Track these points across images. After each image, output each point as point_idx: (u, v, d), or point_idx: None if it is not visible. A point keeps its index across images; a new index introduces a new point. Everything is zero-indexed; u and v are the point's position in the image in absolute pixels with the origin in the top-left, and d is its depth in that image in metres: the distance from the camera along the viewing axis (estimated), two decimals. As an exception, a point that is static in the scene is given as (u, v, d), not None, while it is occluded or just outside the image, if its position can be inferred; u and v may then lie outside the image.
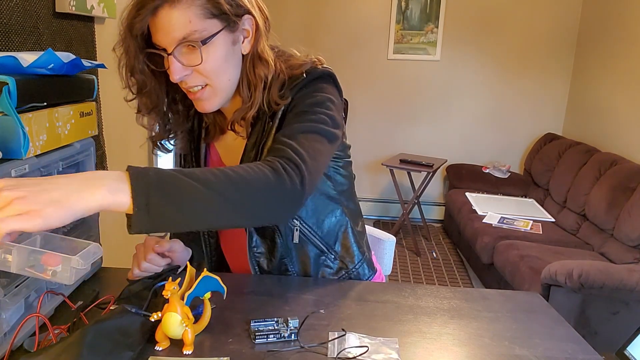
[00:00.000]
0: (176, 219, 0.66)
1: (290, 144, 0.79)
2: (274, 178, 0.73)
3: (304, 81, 0.89)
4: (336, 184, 1.03)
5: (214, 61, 0.83)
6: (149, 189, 0.63)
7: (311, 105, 0.87)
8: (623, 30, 3.25)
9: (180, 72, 0.82)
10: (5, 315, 0.70)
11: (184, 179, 0.66)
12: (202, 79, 0.85)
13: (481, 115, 4.13)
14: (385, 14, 4.04)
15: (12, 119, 0.69)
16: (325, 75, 0.91)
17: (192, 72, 0.83)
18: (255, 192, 0.71)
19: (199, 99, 0.88)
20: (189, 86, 0.86)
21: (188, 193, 0.66)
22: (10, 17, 1.09)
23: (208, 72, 0.84)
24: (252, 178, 0.71)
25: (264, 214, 0.75)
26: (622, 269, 2.13)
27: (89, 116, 0.92)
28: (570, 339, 0.84)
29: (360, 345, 0.77)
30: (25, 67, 0.73)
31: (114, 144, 1.72)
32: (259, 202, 0.72)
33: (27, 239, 0.66)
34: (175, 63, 0.81)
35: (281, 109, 0.90)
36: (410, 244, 3.75)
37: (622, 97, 3.20)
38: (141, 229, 0.63)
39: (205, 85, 0.86)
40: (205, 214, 0.68)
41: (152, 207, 0.63)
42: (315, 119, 0.85)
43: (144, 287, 0.86)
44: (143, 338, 0.74)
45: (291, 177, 0.74)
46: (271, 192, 0.73)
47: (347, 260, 1.07)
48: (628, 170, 2.79)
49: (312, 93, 0.89)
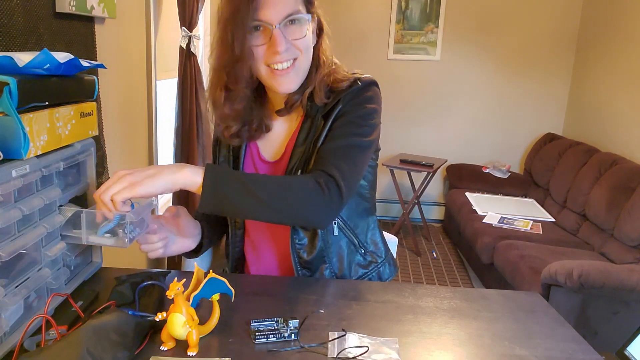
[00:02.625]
0: (233, 205, 0.84)
1: (334, 159, 0.92)
2: (314, 189, 0.87)
3: (355, 89, 0.99)
4: (368, 182, 1.11)
5: (308, 38, 0.96)
6: (217, 177, 0.82)
7: (359, 117, 0.98)
8: (623, 30, 3.25)
9: (285, 44, 0.91)
10: (5, 315, 0.70)
11: (243, 178, 0.84)
12: (297, 52, 0.94)
13: (481, 115, 4.13)
14: (385, 14, 4.04)
15: (12, 119, 0.69)
16: (373, 83, 1.02)
17: (291, 46, 0.93)
18: (297, 198, 0.86)
19: (286, 74, 0.95)
20: (284, 59, 0.93)
21: (246, 187, 0.83)
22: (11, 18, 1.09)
23: (303, 47, 0.95)
24: (296, 187, 0.87)
25: (303, 218, 0.90)
26: (622, 269, 2.13)
27: (90, 116, 0.92)
28: (570, 339, 0.84)
29: (360, 345, 0.77)
30: (20, 67, 0.73)
31: (114, 144, 1.72)
32: (299, 207, 0.87)
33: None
34: (280, 35, 0.91)
35: (334, 113, 0.98)
36: (411, 244, 3.75)
37: (622, 97, 3.20)
38: (207, 207, 0.82)
39: (293, 63, 0.95)
40: (255, 208, 0.84)
41: (217, 190, 0.82)
42: (359, 133, 0.97)
43: (132, 288, 0.86)
44: (138, 339, 0.75)
45: (331, 191, 0.88)
46: (311, 201, 0.87)
47: (376, 255, 1.13)
48: (628, 170, 2.79)
49: (362, 104, 0.99)
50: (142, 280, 0.88)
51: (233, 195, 0.83)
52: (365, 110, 0.99)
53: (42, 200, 0.78)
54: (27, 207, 0.73)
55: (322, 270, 1.06)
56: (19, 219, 0.72)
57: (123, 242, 0.84)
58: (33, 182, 0.77)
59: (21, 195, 0.75)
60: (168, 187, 0.80)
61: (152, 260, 2.25)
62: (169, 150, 2.42)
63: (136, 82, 1.94)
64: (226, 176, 0.83)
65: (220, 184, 0.82)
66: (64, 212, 0.85)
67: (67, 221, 0.86)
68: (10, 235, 0.72)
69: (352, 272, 1.09)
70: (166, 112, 2.45)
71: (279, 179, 0.88)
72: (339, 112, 0.99)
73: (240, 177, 0.84)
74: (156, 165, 0.84)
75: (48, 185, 0.82)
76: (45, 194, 0.80)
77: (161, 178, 0.79)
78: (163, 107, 2.32)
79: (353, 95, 0.99)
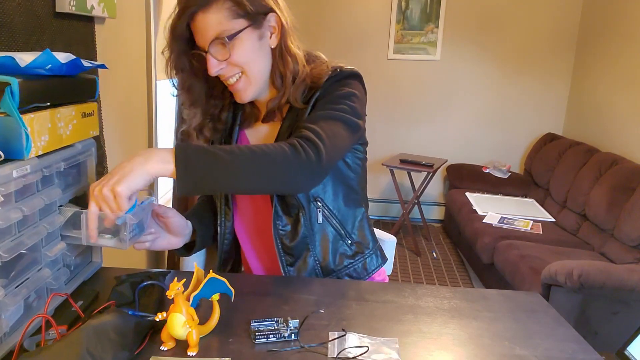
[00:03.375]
0: (209, 180, 0.82)
1: (310, 127, 0.91)
2: (290, 151, 0.86)
3: (336, 77, 1.00)
4: (356, 174, 1.11)
5: (242, 52, 0.95)
6: (188, 157, 0.81)
7: (337, 97, 0.98)
8: (623, 30, 3.25)
9: (216, 66, 0.95)
10: (5, 315, 0.70)
11: (215, 150, 0.83)
12: (236, 69, 0.96)
13: (481, 115, 4.13)
14: (385, 14, 4.04)
15: (14, 120, 0.69)
16: (354, 74, 1.03)
17: (226, 65, 0.95)
18: (273, 161, 0.84)
19: (236, 89, 1.00)
20: (227, 77, 0.98)
21: (218, 159, 0.82)
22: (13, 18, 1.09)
23: (239, 63, 0.95)
24: (270, 151, 0.85)
25: (281, 180, 0.87)
26: (622, 269, 2.13)
27: (91, 116, 0.92)
28: (570, 339, 0.84)
29: (360, 345, 0.78)
30: (22, 67, 0.73)
31: (114, 144, 1.72)
32: (276, 170, 0.85)
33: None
34: (211, 59, 0.94)
35: (315, 97, 0.99)
36: (411, 244, 3.75)
37: (622, 97, 3.20)
38: (185, 189, 0.81)
39: (240, 76, 0.98)
40: (232, 176, 0.84)
41: (190, 170, 0.80)
42: (337, 108, 0.96)
43: (132, 287, 0.86)
44: (137, 339, 0.75)
45: (307, 151, 0.86)
46: (288, 163, 0.85)
47: (362, 245, 1.12)
48: (628, 170, 2.79)
49: (339, 87, 0.99)
50: (142, 280, 0.88)
51: (207, 170, 0.81)
52: (344, 92, 0.98)
53: (42, 200, 0.78)
54: (27, 208, 0.73)
55: (306, 257, 1.06)
56: (20, 219, 0.72)
57: (123, 244, 0.84)
58: (34, 183, 0.77)
59: (22, 196, 0.75)
60: (146, 180, 0.80)
61: (152, 260, 2.25)
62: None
63: (136, 82, 1.94)
64: (196, 154, 0.81)
65: (193, 163, 0.81)
66: (64, 212, 0.86)
67: (67, 221, 0.86)
68: (10, 235, 0.72)
69: (337, 262, 1.09)
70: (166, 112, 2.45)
71: (252, 147, 0.85)
72: (320, 95, 0.99)
73: (210, 151, 0.83)
74: (134, 155, 0.81)
75: (49, 185, 0.82)
76: (45, 194, 0.80)
77: (136, 174, 0.79)
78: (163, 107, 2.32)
79: (333, 80, 1.00)
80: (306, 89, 1.01)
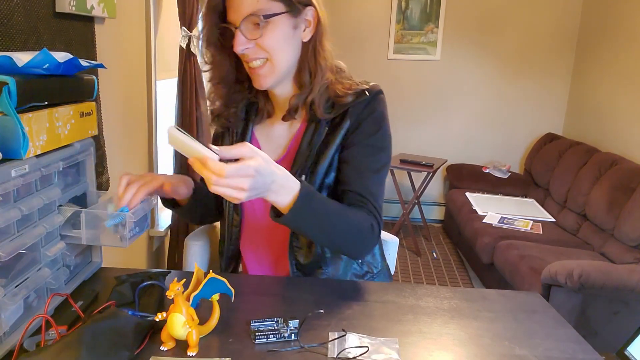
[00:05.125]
0: (306, 226, 0.90)
1: (373, 204, 0.99)
2: (369, 231, 0.96)
3: (365, 101, 1.00)
4: None
5: (273, 37, 0.93)
6: (306, 204, 0.86)
7: (377, 148, 1.01)
8: (623, 31, 3.25)
9: (243, 44, 0.92)
10: (5, 315, 0.70)
11: (327, 208, 0.91)
12: (263, 53, 0.94)
13: (481, 115, 4.13)
14: (385, 14, 4.04)
15: (11, 119, 0.69)
16: (380, 92, 1.03)
17: (254, 46, 0.93)
18: (358, 239, 0.96)
19: (258, 73, 0.97)
20: (251, 59, 0.95)
21: (322, 223, 0.90)
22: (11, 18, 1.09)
23: (267, 47, 0.93)
24: (360, 225, 0.95)
25: (356, 249, 0.99)
26: (622, 269, 2.13)
27: (89, 116, 0.92)
28: (570, 339, 0.84)
29: (360, 345, 0.77)
30: (20, 66, 0.73)
31: (113, 144, 1.72)
32: (357, 240, 0.97)
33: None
34: (240, 35, 0.92)
35: (344, 125, 1.00)
36: (411, 244, 3.75)
37: (622, 97, 3.20)
38: (283, 220, 0.86)
39: (265, 62, 0.95)
40: (324, 233, 0.93)
41: (298, 219, 0.87)
42: (381, 163, 1.02)
43: (132, 287, 0.86)
44: (137, 339, 0.75)
45: (375, 232, 0.97)
46: (366, 242, 0.98)
47: (372, 265, 1.13)
48: (628, 170, 2.79)
49: (377, 122, 1.01)
50: (142, 280, 0.88)
51: (310, 220, 0.88)
52: (380, 131, 1.01)
53: (41, 200, 0.78)
54: (26, 207, 0.73)
55: (318, 275, 1.06)
56: (19, 219, 0.72)
57: (123, 242, 0.84)
58: (32, 182, 0.77)
59: (20, 195, 0.74)
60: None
61: (152, 261, 2.25)
62: (168, 150, 2.41)
63: (136, 82, 1.94)
64: (310, 211, 0.87)
65: (306, 212, 0.86)
66: (64, 212, 0.85)
67: (66, 221, 0.86)
68: (9, 235, 0.72)
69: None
70: (166, 112, 2.45)
71: (349, 214, 0.94)
72: (353, 126, 1.00)
73: (323, 209, 0.90)
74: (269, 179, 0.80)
75: (47, 185, 0.82)
76: (44, 193, 0.80)
77: (265, 197, 0.82)
78: (163, 107, 2.32)
79: (363, 107, 0.99)
80: (330, 99, 1.00)
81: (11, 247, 0.70)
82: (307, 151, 1.01)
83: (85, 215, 0.84)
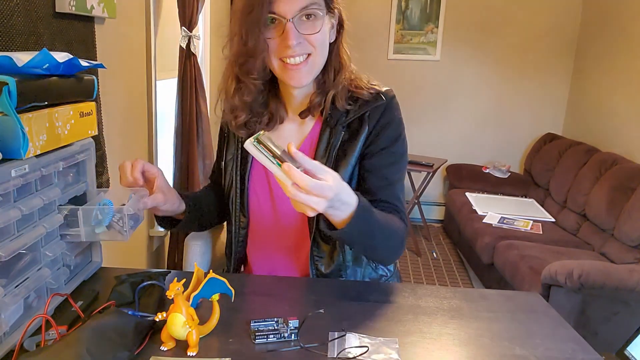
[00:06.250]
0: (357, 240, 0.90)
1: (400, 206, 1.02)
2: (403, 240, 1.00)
3: (381, 106, 1.02)
4: None
5: (323, 34, 0.95)
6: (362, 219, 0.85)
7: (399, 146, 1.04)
8: (623, 30, 3.25)
9: (297, 38, 0.91)
10: (5, 315, 0.70)
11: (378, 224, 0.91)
12: (309, 49, 0.94)
13: (481, 115, 4.13)
14: (385, 14, 4.04)
15: (11, 119, 0.69)
16: (394, 96, 1.06)
17: (304, 41, 0.92)
18: (397, 247, 0.99)
19: (299, 69, 0.95)
20: (297, 54, 0.93)
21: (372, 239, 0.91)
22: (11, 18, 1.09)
23: (315, 43, 0.94)
24: (401, 232, 0.98)
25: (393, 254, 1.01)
26: (622, 269, 2.13)
27: (89, 116, 0.92)
28: (570, 339, 0.84)
29: (360, 345, 0.77)
30: (20, 67, 0.73)
31: (114, 144, 1.72)
32: (396, 247, 0.99)
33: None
34: (293, 29, 0.90)
35: (363, 132, 1.01)
36: (411, 244, 3.75)
37: (622, 97, 3.20)
38: (335, 234, 0.86)
39: (307, 58, 0.95)
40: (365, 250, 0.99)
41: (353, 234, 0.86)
42: (404, 166, 1.05)
43: (132, 287, 0.86)
44: (137, 339, 0.75)
45: (406, 237, 1.00)
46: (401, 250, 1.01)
47: (386, 269, 1.14)
48: (628, 170, 2.79)
49: (396, 129, 1.03)
50: (142, 280, 0.88)
51: (363, 234, 0.88)
52: (399, 140, 1.04)
53: (41, 200, 0.78)
54: (26, 207, 0.73)
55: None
56: (19, 219, 0.72)
57: (123, 235, 0.85)
58: (32, 182, 0.77)
59: (20, 195, 0.74)
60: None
61: (152, 260, 2.25)
62: (169, 150, 2.42)
63: (136, 82, 1.94)
64: (364, 225, 0.87)
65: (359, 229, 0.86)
66: (64, 212, 0.85)
67: (65, 221, 0.86)
68: (9, 235, 0.72)
69: None
70: (166, 112, 2.45)
71: (393, 228, 0.96)
72: (372, 133, 1.01)
73: (375, 227, 0.89)
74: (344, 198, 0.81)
75: (47, 185, 0.82)
76: (44, 193, 0.80)
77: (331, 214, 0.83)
78: (163, 107, 2.32)
79: (381, 113, 1.01)
80: (350, 92, 1.03)
81: (11, 247, 0.70)
82: (325, 158, 1.01)
83: (82, 213, 0.84)
